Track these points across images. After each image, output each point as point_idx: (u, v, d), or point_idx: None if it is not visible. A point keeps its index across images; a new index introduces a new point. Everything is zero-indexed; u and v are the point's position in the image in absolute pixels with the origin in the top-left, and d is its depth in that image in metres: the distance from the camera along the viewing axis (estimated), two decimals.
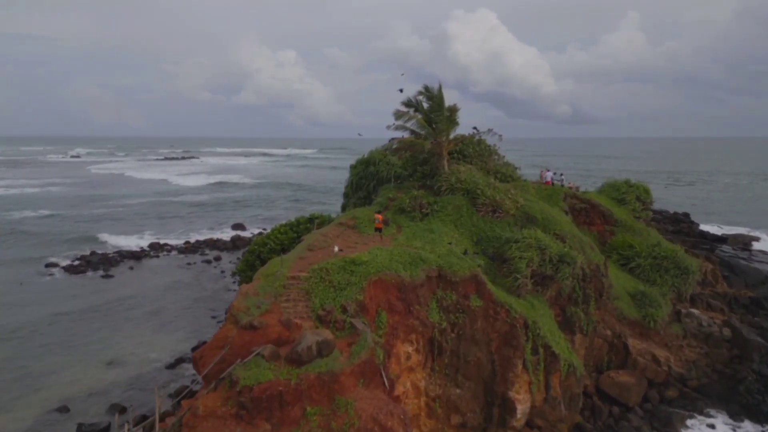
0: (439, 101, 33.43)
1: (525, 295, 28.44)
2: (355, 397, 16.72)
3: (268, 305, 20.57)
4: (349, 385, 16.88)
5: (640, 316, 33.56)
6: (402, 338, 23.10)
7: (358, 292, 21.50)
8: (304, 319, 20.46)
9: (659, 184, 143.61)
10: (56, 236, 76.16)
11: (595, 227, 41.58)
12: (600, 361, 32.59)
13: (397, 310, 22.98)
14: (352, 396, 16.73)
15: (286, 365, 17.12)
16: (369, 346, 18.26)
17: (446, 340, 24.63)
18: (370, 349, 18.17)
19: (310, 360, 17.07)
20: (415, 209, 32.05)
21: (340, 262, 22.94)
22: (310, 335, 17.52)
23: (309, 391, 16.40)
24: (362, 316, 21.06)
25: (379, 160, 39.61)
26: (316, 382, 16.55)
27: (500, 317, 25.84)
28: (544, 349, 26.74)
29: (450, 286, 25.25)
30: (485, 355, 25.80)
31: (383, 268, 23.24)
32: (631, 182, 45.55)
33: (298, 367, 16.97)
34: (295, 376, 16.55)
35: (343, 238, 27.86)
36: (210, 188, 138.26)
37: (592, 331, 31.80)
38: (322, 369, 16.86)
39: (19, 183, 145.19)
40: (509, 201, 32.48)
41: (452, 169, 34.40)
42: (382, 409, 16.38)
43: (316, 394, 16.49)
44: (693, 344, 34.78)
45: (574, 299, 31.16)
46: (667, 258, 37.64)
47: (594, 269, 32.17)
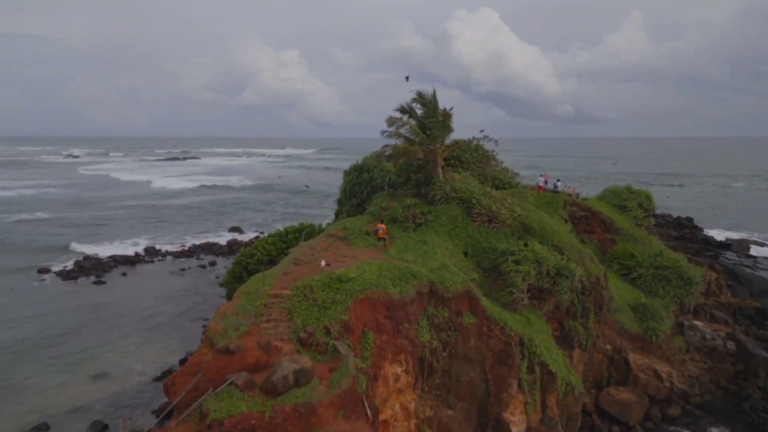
0: (433, 107, 32.32)
1: (521, 310, 27.35)
2: (334, 430, 15.62)
3: (248, 326, 19.48)
4: (327, 418, 15.77)
5: (641, 330, 32.40)
6: (390, 359, 22.01)
7: (343, 312, 20.40)
8: (285, 341, 19.38)
9: (662, 187, 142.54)
10: (47, 240, 75.12)
11: (596, 236, 40.41)
12: (600, 377, 31.45)
13: (385, 329, 21.88)
14: (331, 429, 15.63)
15: (260, 396, 16.04)
16: (350, 374, 17.15)
17: (437, 360, 23.53)
18: (351, 377, 17.07)
19: (286, 390, 15.98)
20: (408, 219, 30.94)
21: (325, 279, 21.86)
22: (287, 363, 16.43)
23: (284, 424, 15.31)
24: (347, 338, 19.96)
25: (373, 167, 38.49)
26: (292, 414, 15.46)
27: (494, 335, 24.74)
28: (540, 367, 25.63)
29: (442, 302, 24.16)
30: (479, 374, 24.68)
31: (371, 284, 22.14)
32: (632, 188, 44.38)
33: (274, 398, 15.90)
34: (269, 408, 15.47)
35: (331, 251, 26.75)
36: (197, 191, 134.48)
37: (592, 346, 30.66)
38: (299, 400, 15.78)
39: (2, 185, 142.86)
40: (506, 211, 31.35)
41: (447, 177, 33.28)
42: None
43: (292, 427, 15.39)
44: (696, 358, 33.59)
45: (572, 313, 30.06)
46: (669, 268, 36.48)
47: (593, 281, 31.03)
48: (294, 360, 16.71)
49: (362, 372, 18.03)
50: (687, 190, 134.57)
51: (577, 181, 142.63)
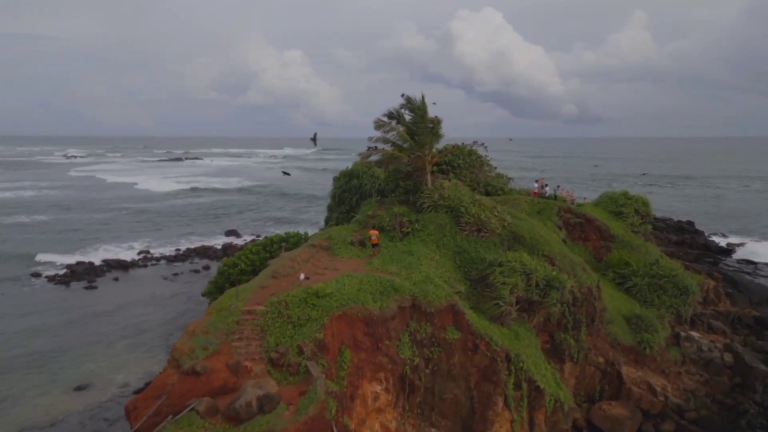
0: (422, 113, 31.48)
1: (510, 323, 26.50)
2: None
3: (217, 345, 18.69)
4: None
5: (635, 342, 31.50)
6: (369, 377, 21.19)
7: (318, 330, 19.59)
8: (256, 361, 18.59)
9: (664, 188, 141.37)
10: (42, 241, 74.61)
11: (591, 243, 39.53)
12: (592, 391, 30.55)
13: (363, 347, 21.06)
14: None
15: (222, 423, 15.28)
16: (319, 399, 16.35)
17: (419, 377, 22.71)
18: (319, 402, 16.26)
19: (249, 417, 15.20)
20: (395, 228, 30.12)
21: (301, 294, 21.06)
22: (251, 388, 15.64)
23: None
24: (321, 357, 19.15)
25: (362, 173, 37.69)
26: None
27: (480, 350, 23.90)
28: (527, 383, 24.80)
29: (425, 317, 23.33)
30: (463, 391, 23.85)
31: (349, 300, 21.32)
32: (629, 194, 43.43)
33: (236, 426, 15.13)
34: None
35: (313, 263, 25.94)
36: (194, 194, 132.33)
37: (583, 359, 29.80)
38: (263, 428, 15.00)
39: None
40: (495, 219, 30.50)
41: (436, 184, 32.43)
42: None
43: None
44: (692, 371, 32.68)
45: (563, 325, 29.22)
46: (665, 277, 35.58)
47: (585, 292, 30.17)
48: (258, 385, 15.92)
49: (333, 395, 17.17)
50: (690, 192, 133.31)
51: (579, 184, 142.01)
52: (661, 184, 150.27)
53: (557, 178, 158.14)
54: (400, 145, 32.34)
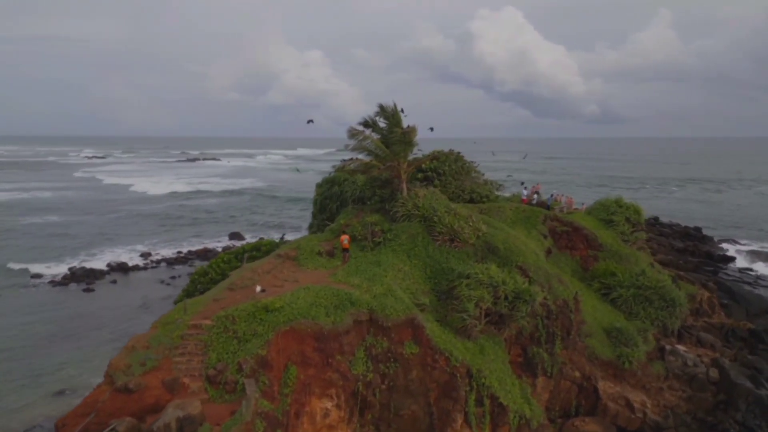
0: (395, 122, 31.03)
1: (476, 336, 25.92)
2: None
3: (157, 361, 18.49)
4: None
5: (614, 356, 30.66)
6: (318, 394, 20.83)
7: (262, 346, 19.30)
8: (195, 378, 18.36)
9: (680, 191, 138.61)
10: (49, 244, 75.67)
11: (578, 252, 38.70)
12: (568, 406, 29.79)
13: (312, 362, 20.71)
14: None
15: None
16: (244, 420, 16.03)
17: (374, 393, 22.29)
18: (244, 424, 15.93)
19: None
20: (367, 238, 29.70)
21: (250, 308, 20.79)
22: (172, 409, 15.38)
23: None
24: (263, 374, 18.83)
25: (343, 180, 37.33)
26: None
27: (439, 365, 23.40)
28: (490, 399, 24.22)
29: (382, 331, 22.90)
30: (422, 407, 23.36)
31: (300, 314, 20.99)
32: (621, 202, 42.35)
33: None
34: None
35: (274, 274, 25.66)
36: (192, 195, 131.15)
37: (558, 373, 29.06)
38: None
39: None
40: (469, 229, 29.89)
41: (411, 193, 31.93)
42: None
43: None
44: (675, 387, 31.69)
45: (536, 339, 28.52)
46: (651, 288, 34.65)
47: (560, 305, 29.41)
48: (180, 405, 15.64)
49: (263, 416, 16.82)
50: (708, 197, 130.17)
51: (588, 188, 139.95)
52: (677, 187, 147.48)
53: (564, 181, 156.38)
54: (376, 153, 31.90)
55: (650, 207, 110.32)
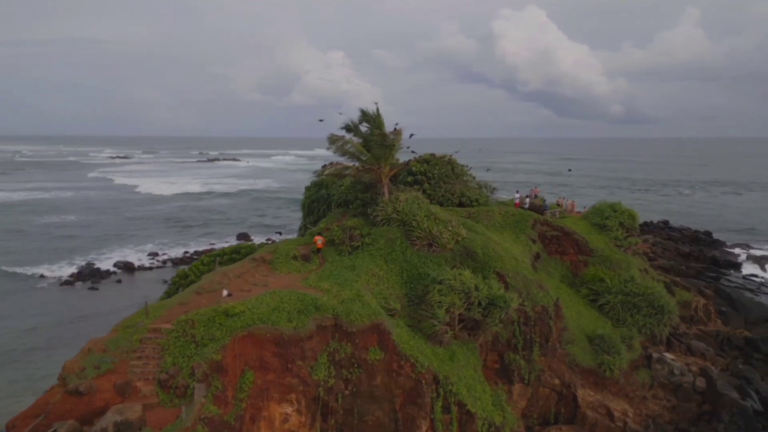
0: (376, 126, 30.99)
1: (447, 342, 25.76)
2: None
3: (112, 364, 18.76)
4: None
5: (595, 364, 30.20)
6: (277, 399, 20.91)
7: (217, 351, 19.41)
8: (149, 381, 18.59)
9: (698, 194, 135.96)
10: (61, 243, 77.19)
11: (568, 257, 38.23)
12: (547, 413, 29.41)
13: (271, 367, 20.79)
14: None
15: None
16: (184, 426, 16.16)
17: (336, 399, 22.28)
18: (184, 430, 16.06)
19: None
20: (345, 242, 29.71)
21: (210, 313, 20.95)
22: (111, 414, 15.60)
23: None
24: (217, 379, 18.96)
25: (331, 183, 37.38)
26: None
27: (404, 372, 23.30)
28: (457, 407, 24.01)
29: (346, 337, 22.87)
30: (387, 413, 23.29)
31: (260, 319, 21.08)
32: (616, 206, 41.66)
33: None
34: None
35: (245, 278, 25.81)
36: (206, 196, 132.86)
37: (536, 381, 28.73)
38: None
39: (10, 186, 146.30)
40: (448, 234, 29.71)
41: (392, 197, 31.86)
42: None
43: None
44: (659, 396, 31.14)
45: (513, 345, 28.24)
46: (639, 295, 34.16)
47: (539, 312, 29.06)
48: (119, 410, 15.86)
49: (206, 421, 16.94)
50: (727, 200, 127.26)
51: (602, 189, 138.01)
52: (692, 190, 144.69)
53: (576, 184, 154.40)
54: (359, 157, 31.92)
55: (665, 210, 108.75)
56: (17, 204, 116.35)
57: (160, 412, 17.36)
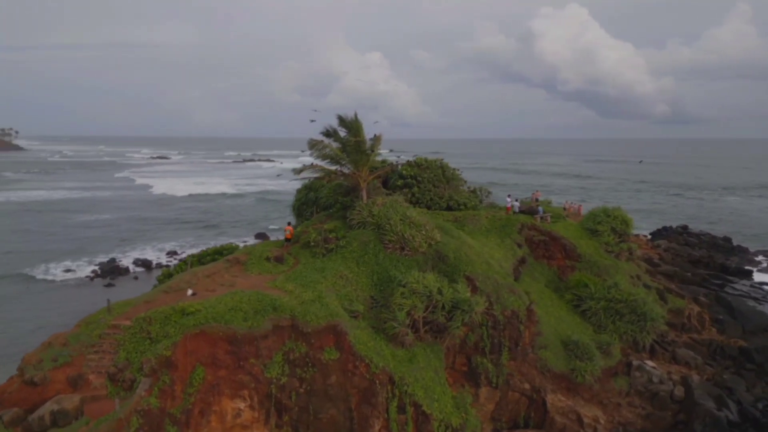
0: (354, 132, 31.72)
1: (409, 344, 26.28)
2: None
3: (70, 357, 20.05)
4: None
5: (567, 370, 30.21)
6: (229, 394, 21.87)
7: (167, 347, 20.48)
8: (101, 375, 19.77)
9: (733, 198, 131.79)
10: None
11: (555, 262, 38.25)
12: (516, 417, 29.58)
13: (223, 364, 21.76)
14: None
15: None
16: (116, 417, 17.23)
17: (290, 396, 23.11)
18: (116, 421, 17.14)
19: (42, 430, 16.33)
20: (320, 244, 30.54)
21: (167, 311, 22.08)
22: (50, 403, 16.82)
23: None
24: (166, 374, 20.03)
25: (318, 186, 38.31)
26: None
27: (359, 372, 23.95)
28: (413, 407, 24.52)
29: (302, 337, 23.68)
30: (342, 412, 23.97)
31: (214, 318, 22.07)
32: (609, 211, 41.32)
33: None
34: None
35: (213, 278, 26.90)
36: (233, 197, 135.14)
37: (504, 384, 28.94)
38: None
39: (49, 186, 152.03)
40: (420, 237, 30.18)
41: (369, 201, 32.53)
42: None
43: None
44: (635, 403, 30.89)
45: (481, 348, 28.55)
46: (622, 302, 33.98)
47: (509, 316, 29.25)
48: (58, 401, 17.07)
49: (141, 414, 17.96)
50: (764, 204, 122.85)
51: (629, 193, 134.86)
52: (730, 195, 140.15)
53: (601, 188, 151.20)
54: (337, 161, 32.74)
55: (692, 214, 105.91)
56: (56, 202, 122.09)
57: (106, 404, 18.51)
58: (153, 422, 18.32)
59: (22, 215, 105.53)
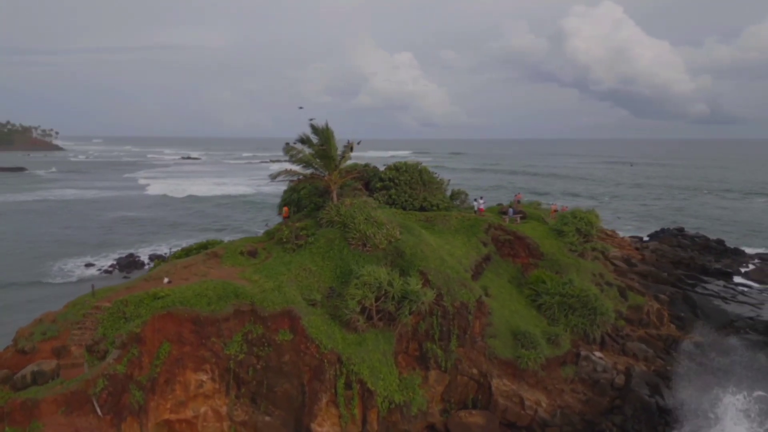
0: (324, 139, 35.11)
1: (363, 330, 29.54)
2: (48, 422, 19.56)
3: (57, 332, 23.91)
4: (48, 412, 19.72)
5: (513, 357, 33.02)
6: (192, 368, 25.49)
7: (138, 325, 24.17)
8: (81, 347, 23.56)
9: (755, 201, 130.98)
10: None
11: (520, 260, 40.97)
12: (465, 399, 32.46)
13: (187, 342, 25.38)
14: (47, 421, 19.58)
15: (8, 390, 20.33)
16: (85, 378, 20.94)
17: (247, 371, 26.62)
18: (84, 381, 20.84)
19: (24, 387, 20.14)
20: (290, 240, 34.02)
21: (142, 296, 25.79)
22: (32, 365, 20.61)
23: (12, 413, 19.47)
24: (135, 347, 23.70)
25: (301, 188, 41.84)
26: (19, 406, 19.57)
27: (310, 351, 27.32)
28: (359, 384, 27.79)
29: (260, 320, 27.16)
30: (295, 387, 27.38)
31: (181, 302, 25.68)
32: (576, 213, 43.86)
33: (16, 392, 20.10)
34: (4, 399, 19.69)
35: (190, 269, 30.57)
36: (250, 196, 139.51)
37: (453, 368, 31.92)
38: (29, 395, 19.86)
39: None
40: (381, 235, 33.38)
41: (339, 201, 35.88)
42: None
43: (19, 416, 19.50)
44: (578, 389, 33.55)
45: (431, 336, 31.60)
46: (574, 297, 36.56)
47: (458, 307, 32.21)
48: (38, 364, 20.86)
49: (107, 377, 21.63)
50: None
51: (647, 199, 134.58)
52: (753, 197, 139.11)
53: (617, 193, 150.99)
54: (312, 165, 36.19)
55: (702, 217, 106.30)
56: (90, 201, 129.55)
57: (81, 371, 22.24)
58: (118, 385, 21.99)
59: (56, 212, 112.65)
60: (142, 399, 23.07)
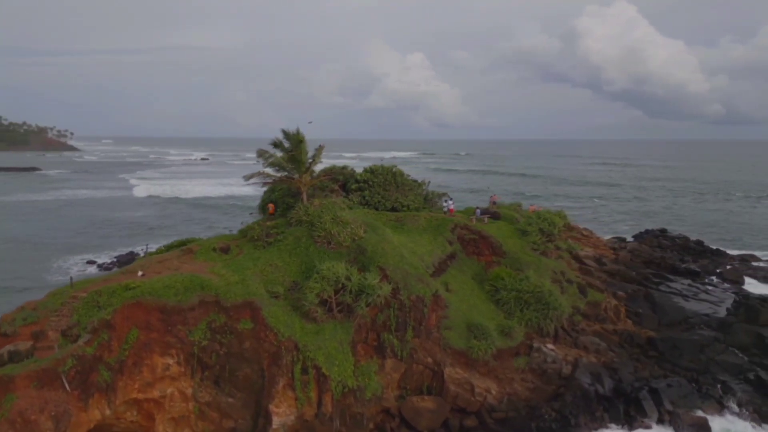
0: (295, 144, 37.70)
1: (322, 320, 32.09)
2: (21, 394, 22.31)
3: (37, 318, 26.69)
4: (22, 386, 22.47)
5: (465, 347, 35.37)
6: (159, 352, 28.18)
7: (109, 313, 26.91)
8: (57, 332, 26.33)
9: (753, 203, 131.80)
10: None
11: (484, 258, 43.30)
12: (420, 386, 34.82)
13: (154, 328, 28.07)
14: (21, 394, 22.33)
15: None
16: (55, 357, 23.68)
17: (210, 356, 29.26)
18: (54, 360, 23.58)
19: (2, 365, 22.93)
20: (261, 238, 36.65)
21: (115, 287, 28.53)
22: (9, 346, 23.40)
23: None
24: (105, 333, 26.43)
25: (278, 189, 44.46)
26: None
27: (269, 339, 29.92)
28: (315, 370, 30.33)
29: (223, 310, 29.79)
30: (255, 371, 29.98)
31: (150, 293, 28.37)
32: (540, 214, 46.18)
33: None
34: None
35: (164, 264, 33.28)
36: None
37: (409, 358, 34.33)
38: (6, 372, 22.63)
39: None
40: (345, 233, 35.89)
41: (308, 202, 38.45)
42: (34, 406, 21.82)
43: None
44: (528, 379, 35.83)
45: (388, 327, 34.06)
46: (530, 293, 38.80)
47: (414, 300, 34.61)
48: (15, 344, 23.64)
49: (77, 357, 24.35)
50: None
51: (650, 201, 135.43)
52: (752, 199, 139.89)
53: (620, 195, 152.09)
54: (284, 168, 38.81)
55: (701, 219, 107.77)
56: (98, 200, 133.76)
57: (54, 351, 25.00)
58: (86, 365, 24.71)
59: (67, 210, 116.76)
60: (110, 378, 25.78)
